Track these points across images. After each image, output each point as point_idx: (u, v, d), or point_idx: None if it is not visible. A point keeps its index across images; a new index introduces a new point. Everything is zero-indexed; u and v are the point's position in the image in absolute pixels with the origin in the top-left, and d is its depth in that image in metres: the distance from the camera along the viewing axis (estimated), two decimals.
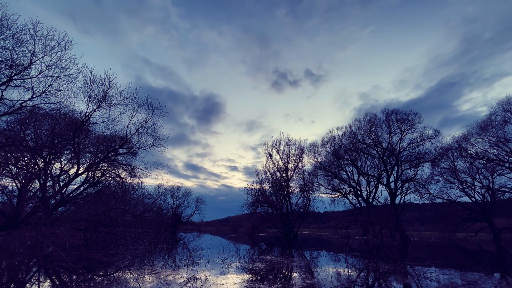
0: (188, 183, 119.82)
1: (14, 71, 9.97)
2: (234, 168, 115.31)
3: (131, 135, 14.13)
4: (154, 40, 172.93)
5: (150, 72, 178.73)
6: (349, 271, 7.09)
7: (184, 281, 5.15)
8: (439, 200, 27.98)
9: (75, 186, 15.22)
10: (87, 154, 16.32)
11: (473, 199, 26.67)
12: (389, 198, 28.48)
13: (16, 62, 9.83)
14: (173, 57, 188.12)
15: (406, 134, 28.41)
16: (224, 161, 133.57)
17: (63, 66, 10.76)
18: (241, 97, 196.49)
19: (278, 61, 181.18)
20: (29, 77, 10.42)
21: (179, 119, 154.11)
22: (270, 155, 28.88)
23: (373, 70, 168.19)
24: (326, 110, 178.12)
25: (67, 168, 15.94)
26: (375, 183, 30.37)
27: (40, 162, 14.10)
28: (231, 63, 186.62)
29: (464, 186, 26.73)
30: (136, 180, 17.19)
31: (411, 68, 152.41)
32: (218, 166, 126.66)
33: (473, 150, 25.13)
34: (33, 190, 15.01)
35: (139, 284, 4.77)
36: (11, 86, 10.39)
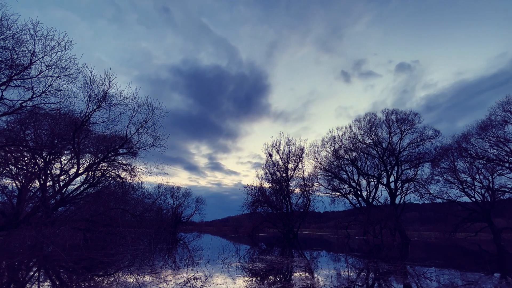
0: (203, 182, 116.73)
1: (14, 71, 9.97)
2: (258, 165, 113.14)
3: (131, 135, 14.12)
4: None
5: (205, 46, 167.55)
6: (349, 271, 7.09)
7: (184, 281, 5.15)
8: (439, 200, 27.98)
9: (75, 186, 15.21)
10: (87, 154, 16.31)
11: (473, 199, 26.65)
12: (389, 198, 28.47)
13: (16, 62, 9.83)
14: (236, 19, 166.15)
15: (406, 134, 28.42)
16: (251, 157, 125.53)
17: (63, 66, 10.76)
18: (294, 77, 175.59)
19: (357, 27, 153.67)
20: (29, 77, 10.42)
21: (220, 105, 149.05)
22: (270, 155, 28.86)
23: (465, 48, 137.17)
24: (386, 104, 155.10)
25: (67, 168, 15.94)
26: (375, 183, 30.38)
27: (40, 162, 14.09)
28: (301, 23, 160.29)
29: (464, 186, 26.72)
30: (136, 179, 17.19)
31: None
32: (242, 163, 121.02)
33: (473, 150, 25.13)
34: (33, 190, 15.01)
35: (139, 284, 4.77)
36: (11, 86, 10.40)
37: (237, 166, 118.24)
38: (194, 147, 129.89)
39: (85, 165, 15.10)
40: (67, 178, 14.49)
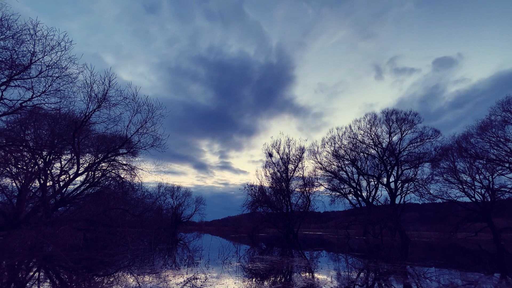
0: (210, 180, 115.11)
1: (14, 71, 9.96)
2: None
3: (131, 135, 14.11)
4: None
5: (234, 30, 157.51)
6: (349, 271, 7.09)
7: (184, 281, 5.15)
8: (439, 200, 27.97)
9: (75, 186, 15.22)
10: (87, 154, 16.31)
11: (473, 199, 26.65)
12: (389, 198, 28.47)
13: (16, 62, 9.82)
14: None
15: (406, 134, 28.43)
16: (264, 155, 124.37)
17: (63, 66, 10.76)
18: (323, 67, 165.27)
19: (405, 5, 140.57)
20: (29, 77, 10.41)
21: (241, 98, 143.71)
22: (270, 155, 28.85)
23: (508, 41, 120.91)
24: (414, 98, 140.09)
25: (67, 168, 15.93)
26: (375, 183, 30.38)
27: (40, 162, 14.09)
28: (343, 1, 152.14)
29: (464, 186, 26.72)
30: (136, 179, 17.17)
31: None
32: (254, 162, 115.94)
33: (473, 150, 25.12)
34: (33, 190, 15.00)
35: (139, 284, 4.77)
36: (11, 86, 10.39)
37: (248, 165, 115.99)
38: (206, 144, 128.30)
39: (85, 165, 15.11)
40: (67, 178, 14.49)
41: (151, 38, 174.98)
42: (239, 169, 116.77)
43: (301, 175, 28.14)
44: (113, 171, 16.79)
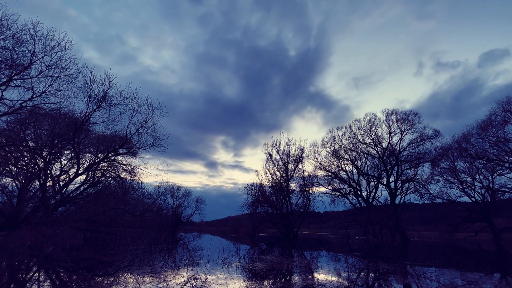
0: (220, 179, 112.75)
1: (14, 71, 9.96)
2: None
3: (131, 135, 14.11)
4: None
5: (276, 9, 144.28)
6: (349, 271, 7.09)
7: (184, 281, 5.15)
8: (439, 200, 27.97)
9: (75, 186, 15.22)
10: (87, 154, 16.31)
11: (473, 199, 26.65)
12: (389, 198, 28.47)
13: (16, 62, 9.82)
14: None
15: (406, 134, 28.43)
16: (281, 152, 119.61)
17: (63, 66, 10.75)
18: (362, 52, 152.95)
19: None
20: (29, 77, 10.41)
21: (268, 90, 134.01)
22: (270, 155, 28.87)
23: None
24: (451, 92, 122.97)
25: (67, 168, 15.94)
26: (375, 183, 30.37)
27: (40, 162, 14.09)
28: None
29: (464, 186, 26.71)
30: (136, 179, 17.16)
31: None
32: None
33: (473, 150, 25.10)
34: (33, 190, 15.01)
35: (139, 284, 4.77)
36: (11, 86, 10.39)
37: (262, 163, 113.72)
38: (221, 140, 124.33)
39: (85, 165, 15.10)
40: (67, 178, 14.49)
41: (181, 15, 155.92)
42: (250, 168, 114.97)
43: (301, 175, 28.17)
44: (113, 171, 16.79)
